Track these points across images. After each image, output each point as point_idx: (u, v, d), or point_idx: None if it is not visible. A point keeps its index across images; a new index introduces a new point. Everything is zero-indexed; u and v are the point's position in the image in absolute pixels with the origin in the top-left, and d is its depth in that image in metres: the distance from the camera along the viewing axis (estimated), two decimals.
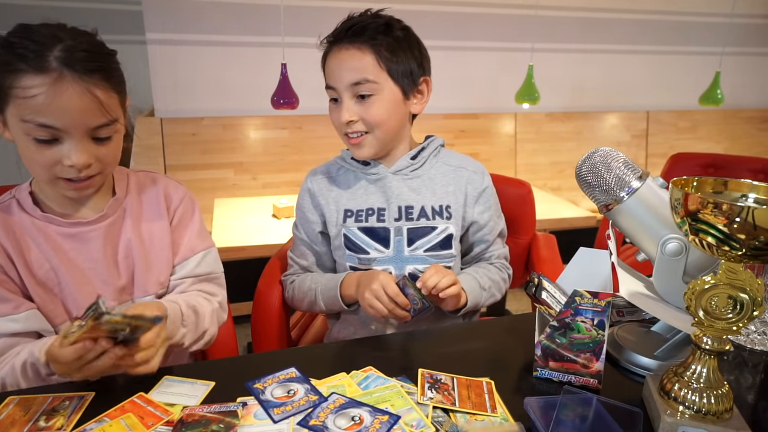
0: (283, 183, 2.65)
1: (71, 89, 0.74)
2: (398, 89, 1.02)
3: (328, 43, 1.04)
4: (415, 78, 1.04)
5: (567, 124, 3.12)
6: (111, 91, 0.79)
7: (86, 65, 0.75)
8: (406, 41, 1.03)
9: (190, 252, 0.97)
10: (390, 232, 1.06)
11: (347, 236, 1.07)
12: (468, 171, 1.12)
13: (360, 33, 0.99)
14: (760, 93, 3.49)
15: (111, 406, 0.68)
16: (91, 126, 0.77)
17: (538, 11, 2.76)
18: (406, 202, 1.07)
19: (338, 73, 1.01)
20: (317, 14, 2.53)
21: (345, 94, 1.01)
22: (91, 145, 0.79)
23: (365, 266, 1.07)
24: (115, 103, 0.81)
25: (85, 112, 0.76)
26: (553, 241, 1.48)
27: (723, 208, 0.55)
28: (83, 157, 0.78)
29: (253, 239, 1.93)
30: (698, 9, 3.15)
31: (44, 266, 0.85)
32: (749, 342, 0.87)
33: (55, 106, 0.74)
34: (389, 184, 1.07)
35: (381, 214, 1.07)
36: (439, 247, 1.06)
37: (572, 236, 2.02)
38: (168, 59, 2.42)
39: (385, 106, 1.01)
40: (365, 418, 0.65)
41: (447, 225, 1.07)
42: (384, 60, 1.00)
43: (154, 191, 0.96)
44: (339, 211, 1.09)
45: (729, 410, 0.63)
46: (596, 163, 0.79)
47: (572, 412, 0.63)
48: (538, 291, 0.82)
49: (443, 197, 1.08)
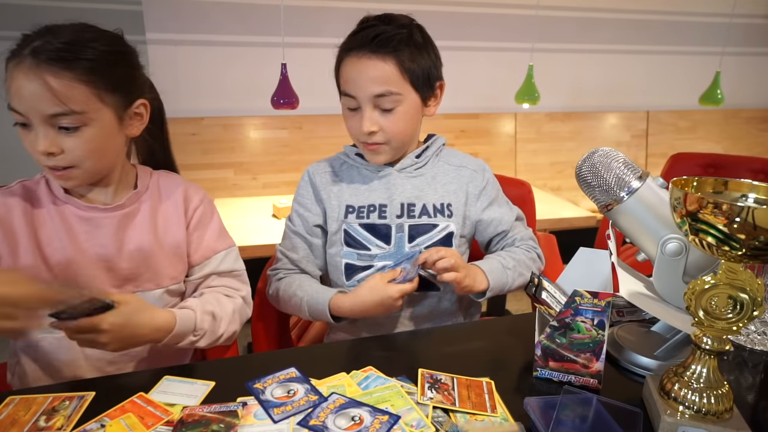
0: (283, 183, 2.65)
1: (23, 74, 0.77)
2: (418, 97, 1.02)
3: (345, 49, 1.01)
4: (432, 83, 1.03)
5: (567, 124, 3.12)
6: (75, 82, 0.79)
7: (50, 54, 0.77)
8: (424, 46, 1.01)
9: (211, 252, 0.99)
10: (391, 229, 1.06)
11: (348, 232, 1.07)
12: (468, 170, 1.12)
13: (385, 44, 0.96)
14: (760, 93, 3.49)
15: (111, 406, 0.68)
16: (45, 113, 0.78)
17: (538, 11, 2.76)
18: (408, 200, 1.07)
19: (360, 83, 0.98)
20: (317, 14, 2.53)
21: (366, 105, 0.99)
22: (53, 134, 0.80)
23: (365, 263, 1.06)
24: (81, 96, 0.79)
25: (35, 98, 0.77)
26: (553, 241, 1.48)
27: (723, 208, 0.55)
28: (44, 143, 0.80)
29: (253, 239, 1.93)
30: (698, 9, 3.15)
31: (54, 244, 0.88)
32: (749, 342, 0.87)
33: (14, 90, 0.78)
34: (393, 181, 1.07)
35: (383, 211, 1.06)
36: (439, 245, 1.06)
37: (572, 236, 2.02)
38: (168, 59, 2.42)
39: (407, 118, 1.01)
40: (365, 418, 0.65)
41: (448, 223, 1.07)
42: (406, 70, 0.98)
43: (175, 191, 0.99)
44: (341, 207, 1.08)
45: (729, 410, 0.63)
46: (596, 163, 0.79)
47: (572, 412, 0.63)
48: (538, 291, 0.83)
49: (445, 195, 1.08)
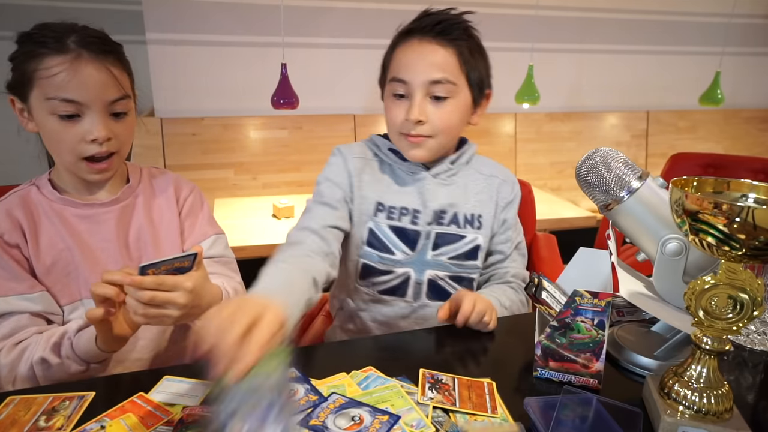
0: (283, 183, 2.65)
1: (90, 66, 0.83)
2: (470, 97, 0.99)
3: (404, 33, 0.99)
4: (483, 88, 1.01)
5: (567, 124, 3.12)
6: (122, 71, 0.88)
7: (100, 47, 0.85)
8: (481, 49, 1.00)
9: (202, 236, 1.02)
10: (420, 235, 1.02)
11: (374, 232, 1.01)
12: (498, 179, 1.09)
13: (447, 31, 0.95)
14: (760, 93, 3.49)
15: (111, 406, 0.67)
16: (108, 99, 0.85)
17: (538, 11, 2.76)
18: (440, 207, 1.02)
19: (416, 67, 0.95)
20: (317, 14, 2.53)
21: (418, 91, 0.95)
22: (109, 121, 0.87)
23: (385, 267, 1.02)
24: (127, 83, 0.89)
25: (103, 86, 0.84)
26: (553, 241, 1.48)
27: (723, 208, 0.55)
28: (104, 130, 0.85)
29: (253, 239, 1.93)
30: (698, 9, 3.15)
31: (58, 246, 0.89)
32: (749, 342, 0.87)
33: (77, 82, 0.82)
34: (428, 187, 1.02)
35: (416, 216, 1.02)
36: (464, 257, 1.04)
37: (572, 236, 2.02)
38: (168, 59, 2.42)
39: (457, 113, 0.98)
40: (365, 418, 0.65)
41: (476, 235, 1.04)
42: (465, 62, 0.96)
43: (165, 182, 1.03)
44: (371, 202, 1.02)
45: (729, 410, 0.63)
46: (596, 163, 0.79)
47: (572, 412, 0.63)
48: (538, 291, 0.83)
49: (476, 206, 1.05)
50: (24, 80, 0.84)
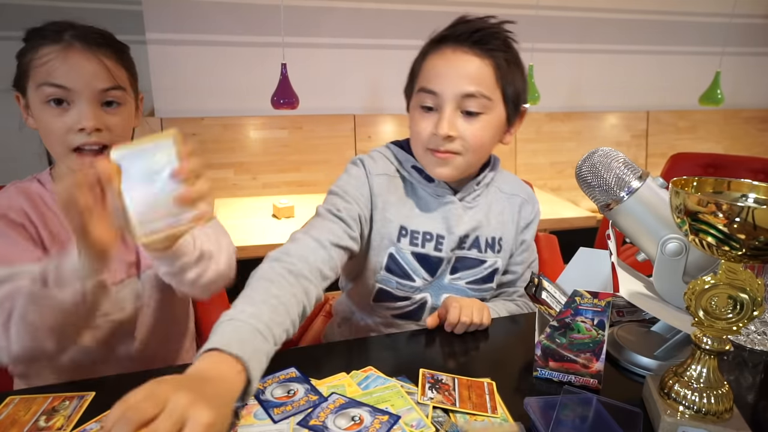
0: (283, 183, 2.65)
1: (80, 54, 0.83)
2: (505, 113, 0.92)
3: (436, 41, 0.91)
4: (518, 104, 0.93)
5: (567, 124, 3.12)
6: (118, 64, 0.87)
7: (95, 39, 0.85)
8: (518, 63, 0.92)
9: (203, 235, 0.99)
10: (443, 261, 0.96)
11: (395, 257, 0.95)
12: (520, 198, 1.04)
13: (485, 41, 0.87)
14: (760, 93, 3.49)
15: (111, 406, 0.67)
16: (98, 88, 0.84)
17: (538, 11, 2.76)
18: (464, 232, 0.96)
19: (448, 79, 0.87)
20: (317, 14, 2.53)
21: (449, 104, 0.87)
22: (100, 111, 0.85)
23: (403, 293, 0.98)
24: (123, 76, 0.88)
25: (92, 75, 0.83)
26: (553, 241, 1.48)
27: (723, 208, 0.55)
28: (93, 119, 0.83)
29: (253, 239, 1.93)
30: (698, 9, 3.15)
31: (61, 236, 0.89)
32: (749, 342, 0.87)
33: (66, 68, 0.82)
34: (454, 211, 0.96)
35: (440, 242, 0.95)
36: (481, 281, 1.00)
37: (572, 236, 2.02)
38: (168, 59, 2.42)
39: (490, 130, 0.90)
40: (365, 418, 0.65)
41: (496, 259, 1.00)
42: (502, 76, 0.88)
43: None
44: (394, 226, 0.94)
45: (729, 410, 0.63)
46: (596, 163, 0.79)
47: (572, 412, 0.63)
48: (538, 291, 0.82)
49: (497, 228, 1.00)
50: (22, 72, 0.85)
